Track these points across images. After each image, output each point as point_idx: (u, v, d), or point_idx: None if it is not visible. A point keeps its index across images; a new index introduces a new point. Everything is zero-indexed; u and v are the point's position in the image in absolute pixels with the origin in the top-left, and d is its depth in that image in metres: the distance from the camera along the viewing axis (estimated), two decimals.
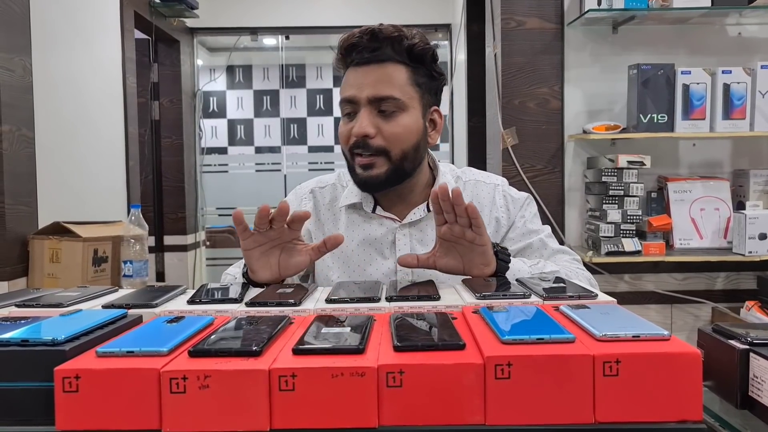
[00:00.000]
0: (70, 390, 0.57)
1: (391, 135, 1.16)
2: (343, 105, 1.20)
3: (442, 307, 0.83)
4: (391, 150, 1.16)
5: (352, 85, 1.18)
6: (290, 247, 1.07)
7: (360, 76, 1.17)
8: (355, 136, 1.16)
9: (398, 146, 1.17)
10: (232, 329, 0.69)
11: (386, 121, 1.16)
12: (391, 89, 1.16)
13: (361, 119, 1.15)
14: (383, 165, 1.17)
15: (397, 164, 1.17)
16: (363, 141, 1.15)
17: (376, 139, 1.16)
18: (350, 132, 1.17)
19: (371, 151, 1.16)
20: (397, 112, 1.17)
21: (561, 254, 1.27)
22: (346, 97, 1.18)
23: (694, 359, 0.59)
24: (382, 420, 0.58)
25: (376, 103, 1.16)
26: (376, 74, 1.17)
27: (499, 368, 0.58)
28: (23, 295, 0.91)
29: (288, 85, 5.78)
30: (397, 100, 1.16)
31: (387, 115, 1.16)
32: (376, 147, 1.16)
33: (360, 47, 1.17)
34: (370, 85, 1.16)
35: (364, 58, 1.17)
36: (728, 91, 2.30)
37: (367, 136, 1.15)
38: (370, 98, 1.16)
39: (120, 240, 2.14)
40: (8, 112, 2.00)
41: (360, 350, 0.61)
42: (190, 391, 0.57)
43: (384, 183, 1.19)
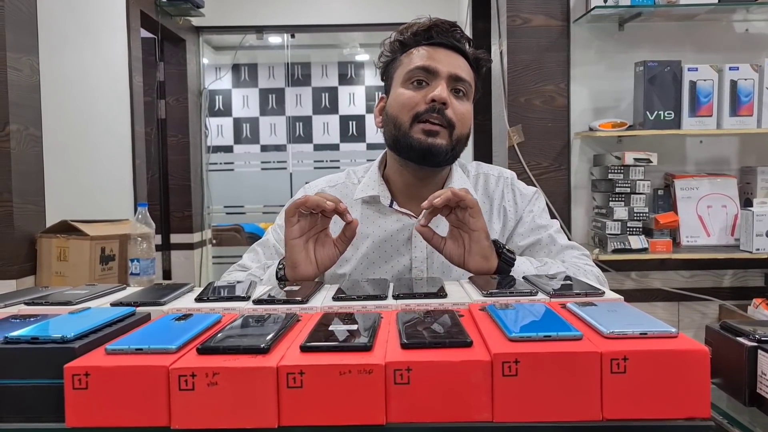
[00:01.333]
0: (80, 387, 0.57)
1: (460, 113, 1.19)
2: (415, 72, 1.20)
3: (449, 304, 0.83)
4: (457, 127, 1.19)
5: (431, 57, 1.20)
6: (322, 238, 1.09)
7: (440, 54, 1.20)
8: (435, 99, 1.16)
9: (461, 127, 1.20)
10: (239, 327, 0.69)
11: (458, 101, 1.20)
12: (467, 75, 1.22)
13: (441, 88, 1.17)
14: (446, 137, 1.18)
15: (455, 143, 1.20)
16: (440, 107, 1.17)
17: (449, 111, 1.18)
18: (422, 98, 1.18)
19: (442, 121, 1.17)
20: (465, 97, 1.22)
21: (570, 250, 1.26)
22: (425, 66, 1.19)
23: (702, 356, 0.59)
24: (389, 417, 0.58)
25: (453, 82, 1.19)
26: (456, 58, 1.21)
27: (506, 365, 0.58)
28: (32, 294, 0.91)
29: (293, 84, 5.79)
30: (470, 85, 1.22)
31: (459, 96, 1.20)
32: (448, 118, 1.18)
33: (443, 30, 1.21)
34: (451, 64, 1.20)
35: (448, 41, 1.21)
36: (735, 87, 2.29)
37: (445, 104, 1.17)
38: (452, 75, 1.19)
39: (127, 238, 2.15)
40: (16, 111, 2.00)
41: (368, 347, 0.61)
42: (198, 388, 0.57)
43: (443, 155, 1.19)
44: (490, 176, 1.32)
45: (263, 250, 1.32)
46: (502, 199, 1.30)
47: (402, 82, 1.21)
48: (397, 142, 1.21)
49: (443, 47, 1.21)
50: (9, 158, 1.97)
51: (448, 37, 1.21)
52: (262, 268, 1.24)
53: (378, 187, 1.27)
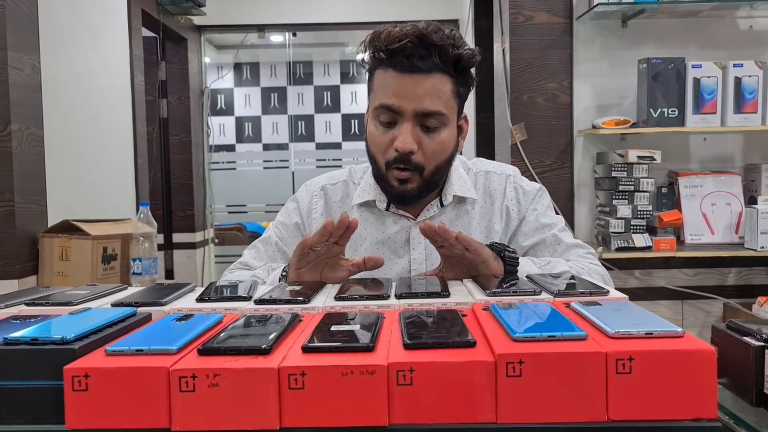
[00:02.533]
0: (80, 389, 0.57)
1: (430, 152, 1.13)
2: (380, 111, 1.13)
3: (451, 304, 0.82)
4: (427, 166, 1.14)
5: (395, 92, 1.10)
6: (333, 263, 1.07)
7: (406, 86, 1.10)
8: (397, 151, 1.12)
9: (434, 162, 1.15)
10: (241, 327, 0.69)
11: (428, 136, 1.13)
12: (438, 104, 1.11)
13: (404, 134, 1.11)
14: (416, 180, 1.15)
15: (428, 179, 1.16)
16: (405, 157, 1.12)
17: (417, 156, 1.12)
18: (390, 144, 1.13)
19: (410, 167, 1.13)
20: (440, 128, 1.13)
21: (575, 249, 1.25)
22: (388, 105, 1.11)
23: (709, 356, 0.58)
24: (392, 418, 0.58)
25: (421, 118, 1.11)
26: (424, 86, 1.09)
27: (510, 366, 0.58)
28: (33, 294, 0.91)
29: (295, 82, 5.78)
30: (442, 115, 1.12)
31: (430, 131, 1.13)
32: (415, 163, 1.13)
33: (407, 53, 1.08)
34: (417, 98, 1.09)
35: (412, 65, 1.09)
36: (740, 84, 2.28)
37: (411, 153, 1.12)
38: (417, 112, 1.10)
39: (129, 238, 2.14)
40: (17, 111, 2.00)
41: (370, 348, 0.61)
42: (199, 390, 0.56)
43: (416, 197, 1.18)
44: (492, 174, 1.30)
45: (265, 248, 1.31)
46: (504, 197, 1.28)
47: (372, 115, 1.17)
48: (377, 177, 1.21)
49: (411, 72, 1.09)
50: (11, 158, 1.97)
51: (418, 59, 1.08)
52: (266, 270, 1.23)
53: (374, 191, 1.26)
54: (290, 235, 1.30)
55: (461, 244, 1.00)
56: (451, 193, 1.24)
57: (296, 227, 1.30)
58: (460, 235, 1.00)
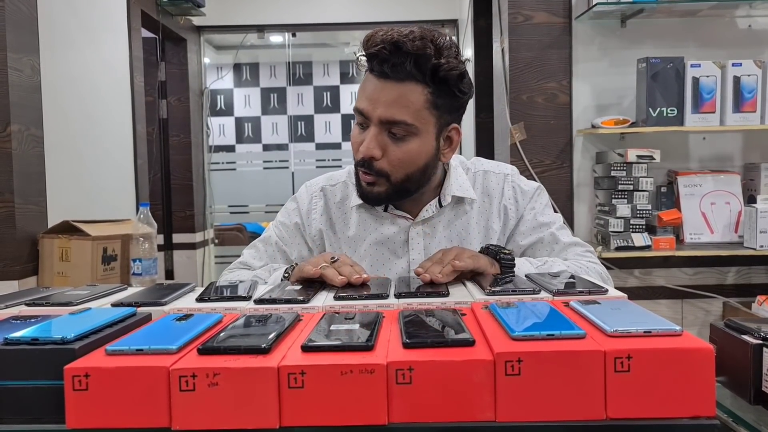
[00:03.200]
0: (80, 388, 0.57)
1: (395, 160, 1.12)
2: (356, 113, 1.15)
3: (451, 303, 0.83)
4: (392, 174, 1.13)
5: (367, 97, 1.12)
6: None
7: (376, 91, 1.10)
8: (360, 155, 1.13)
9: (402, 171, 1.14)
10: (241, 327, 0.69)
11: (395, 144, 1.12)
12: (404, 113, 1.10)
13: (368, 139, 1.11)
14: (383, 185, 1.15)
15: (398, 185, 1.15)
16: (367, 161, 1.13)
17: (381, 162, 1.12)
18: (359, 145, 1.14)
19: (373, 173, 1.13)
20: (408, 137, 1.12)
21: (573, 247, 1.25)
22: (359, 109, 1.13)
23: (707, 355, 0.59)
24: (391, 417, 0.58)
25: (387, 125, 1.11)
26: (392, 94, 1.09)
27: (509, 365, 0.58)
28: (33, 294, 0.91)
29: (295, 83, 5.78)
30: (409, 125, 1.10)
31: (397, 138, 1.12)
32: (378, 169, 1.13)
33: (380, 58, 1.08)
34: (384, 104, 1.09)
35: (383, 71, 1.09)
36: (739, 83, 2.28)
37: (373, 158, 1.12)
38: (382, 119, 1.10)
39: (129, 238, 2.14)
40: (17, 112, 2.00)
41: (369, 347, 0.61)
42: (199, 389, 0.57)
43: (385, 200, 1.19)
44: (490, 173, 1.30)
45: (265, 247, 1.31)
46: (502, 197, 1.28)
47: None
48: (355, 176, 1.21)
49: (385, 78, 1.09)
50: (10, 159, 1.97)
51: (389, 66, 1.08)
52: (267, 270, 1.23)
53: None
54: (290, 235, 1.31)
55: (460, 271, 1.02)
56: (450, 194, 1.24)
57: (296, 227, 1.31)
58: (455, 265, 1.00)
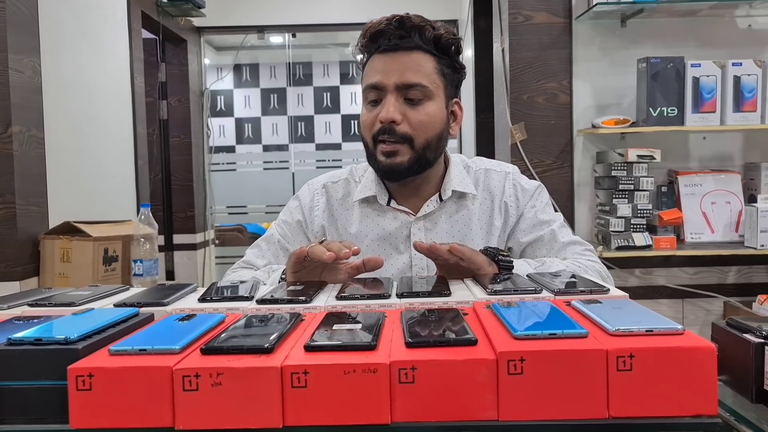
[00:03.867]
0: (84, 388, 0.57)
1: (417, 122, 1.16)
2: (367, 92, 1.18)
3: (453, 303, 0.82)
4: (416, 138, 1.16)
5: (378, 71, 1.17)
6: (332, 267, 1.07)
7: (387, 63, 1.16)
8: (381, 121, 1.15)
9: (423, 134, 1.17)
10: (243, 327, 0.69)
11: (413, 109, 1.16)
12: (419, 76, 1.16)
13: (387, 105, 1.15)
14: (406, 153, 1.17)
15: (419, 153, 1.18)
16: (389, 127, 1.15)
17: (402, 126, 1.15)
18: (375, 118, 1.16)
19: (396, 138, 1.16)
20: (424, 100, 1.17)
21: (573, 246, 1.26)
22: (372, 84, 1.17)
23: (709, 353, 0.59)
24: (394, 416, 0.58)
25: (403, 90, 1.16)
26: (404, 61, 1.16)
27: (511, 364, 0.58)
28: (35, 295, 0.91)
29: (295, 83, 5.78)
30: (424, 87, 1.16)
31: (414, 103, 1.16)
32: (402, 134, 1.15)
33: (388, 34, 1.16)
34: (398, 71, 1.15)
35: (392, 44, 1.16)
36: (739, 83, 2.28)
37: (394, 122, 1.15)
38: (398, 85, 1.15)
39: (130, 239, 2.14)
40: (18, 113, 2.01)
41: (372, 347, 0.61)
42: (202, 389, 0.57)
43: (406, 171, 1.18)
44: (492, 171, 1.32)
45: (268, 246, 1.32)
46: (503, 194, 1.29)
47: (363, 100, 1.22)
48: (369, 160, 1.23)
49: (393, 51, 1.17)
50: (12, 160, 1.97)
51: (393, 39, 1.16)
52: (266, 272, 1.23)
53: (375, 187, 1.27)
54: (293, 232, 1.31)
55: (455, 256, 1.01)
56: (450, 188, 1.26)
57: (298, 225, 1.31)
58: (453, 247, 1.01)
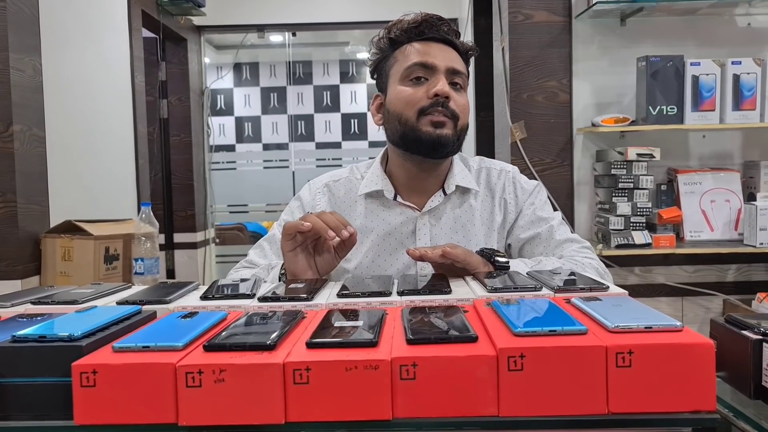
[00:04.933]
0: (88, 385, 0.57)
1: (461, 105, 1.22)
2: (413, 68, 1.21)
3: (453, 300, 0.83)
4: (460, 118, 1.22)
5: (427, 53, 1.22)
6: (320, 246, 1.11)
7: (434, 49, 1.23)
8: (438, 93, 1.19)
9: (464, 117, 1.23)
10: (245, 324, 0.70)
11: (456, 93, 1.22)
12: (463, 67, 1.25)
13: (441, 82, 1.19)
14: (452, 128, 1.21)
15: (459, 133, 1.23)
16: (443, 101, 1.19)
17: (452, 104, 1.20)
18: (423, 94, 1.20)
19: (447, 113, 1.19)
20: (463, 89, 1.25)
21: (569, 243, 1.27)
22: (422, 62, 1.21)
23: (707, 350, 0.59)
24: (396, 412, 0.58)
25: (451, 75, 1.22)
26: (448, 51, 1.24)
27: (512, 360, 0.59)
28: (38, 293, 0.92)
29: (295, 82, 5.78)
30: (466, 77, 1.25)
31: (457, 89, 1.23)
32: (452, 110, 1.20)
33: (433, 25, 1.23)
34: (447, 58, 1.22)
35: (441, 34, 1.23)
36: (738, 82, 2.28)
37: (448, 98, 1.19)
38: (449, 68, 1.21)
39: (131, 238, 2.15)
40: (19, 112, 2.01)
41: (373, 343, 0.61)
42: (205, 385, 0.57)
43: (450, 145, 1.21)
44: (493, 170, 1.34)
45: (270, 246, 1.33)
46: (503, 191, 1.32)
47: (400, 79, 1.23)
48: (405, 137, 1.22)
49: (435, 41, 1.23)
50: (13, 159, 1.98)
51: (438, 31, 1.23)
52: (266, 269, 1.24)
53: (381, 181, 1.28)
54: None
55: (449, 259, 1.05)
56: (454, 183, 1.28)
57: None
58: (445, 251, 1.05)
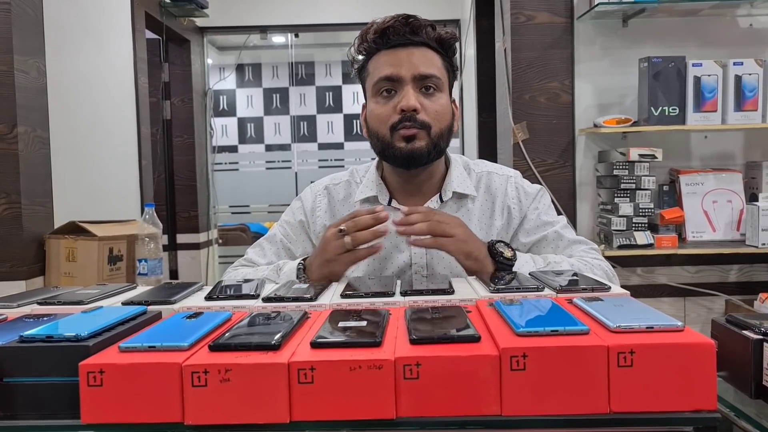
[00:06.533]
0: (95, 384, 0.58)
1: (434, 112, 1.20)
2: (380, 84, 1.20)
3: (456, 300, 0.84)
4: (433, 126, 1.19)
5: (391, 64, 1.20)
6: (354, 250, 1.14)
7: (400, 57, 1.20)
8: (403, 109, 1.17)
9: (438, 124, 1.20)
10: (250, 324, 0.70)
11: (428, 99, 1.20)
12: (433, 69, 1.20)
13: (407, 95, 1.18)
14: (424, 138, 1.19)
15: (435, 141, 1.20)
16: (410, 115, 1.17)
17: (421, 114, 1.18)
18: (393, 109, 1.19)
19: (417, 125, 1.18)
20: (437, 92, 1.21)
21: (578, 245, 1.26)
22: (387, 75, 1.19)
23: (708, 349, 0.60)
24: (399, 411, 0.59)
25: (420, 81, 1.19)
26: (417, 55, 1.20)
27: (514, 360, 0.59)
28: (44, 294, 0.93)
29: (297, 83, 5.79)
30: (438, 79, 1.21)
31: (429, 94, 1.20)
32: (421, 121, 1.18)
33: (398, 30, 1.20)
34: (413, 64, 1.19)
35: (405, 39, 1.20)
36: (740, 82, 2.29)
37: (416, 110, 1.17)
38: (415, 75, 1.18)
39: (135, 239, 2.16)
40: (24, 114, 2.02)
41: (377, 343, 0.62)
42: (211, 385, 0.58)
43: (426, 156, 1.20)
44: (494, 174, 1.33)
45: (270, 246, 1.33)
46: (505, 196, 1.30)
47: (372, 94, 1.23)
48: (383, 152, 1.24)
49: (403, 46, 1.20)
50: (17, 160, 1.99)
51: (404, 35, 1.20)
52: (274, 270, 1.23)
53: (376, 187, 1.29)
54: (295, 232, 1.32)
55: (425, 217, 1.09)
56: (451, 190, 1.27)
57: (301, 225, 1.32)
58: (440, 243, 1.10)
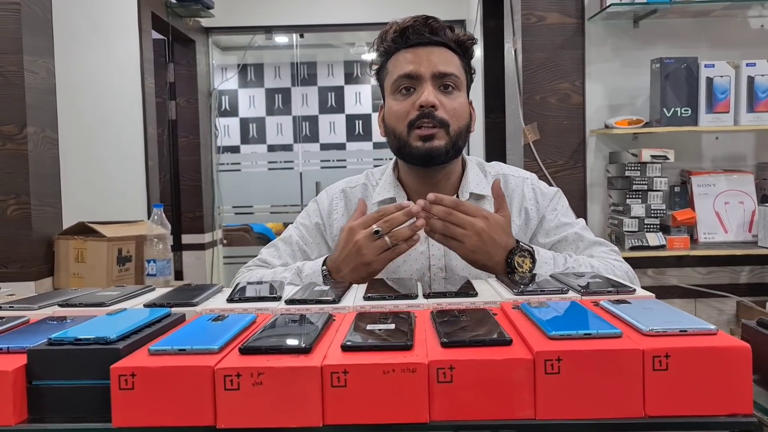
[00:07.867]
0: (126, 387, 0.58)
1: (452, 110, 1.20)
2: (400, 81, 1.21)
3: (480, 303, 0.83)
4: (452, 124, 1.19)
5: (411, 62, 1.20)
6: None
7: (420, 55, 1.20)
8: (422, 105, 1.17)
9: (457, 122, 1.20)
10: (277, 327, 0.70)
11: (447, 97, 1.20)
12: (452, 67, 1.21)
13: (426, 91, 1.18)
14: (443, 137, 1.19)
15: (454, 139, 1.20)
16: (429, 111, 1.18)
17: (440, 111, 1.18)
18: (411, 105, 1.19)
19: (435, 122, 1.18)
20: (456, 90, 1.22)
21: (598, 246, 1.26)
22: (407, 73, 1.20)
23: (744, 353, 0.59)
24: (433, 415, 0.58)
25: (439, 79, 1.20)
26: (437, 54, 1.21)
27: (548, 363, 0.58)
28: (62, 295, 0.92)
29: (300, 83, 5.79)
30: (457, 77, 1.21)
31: (448, 92, 1.21)
32: (440, 119, 1.18)
33: (418, 30, 1.21)
34: (432, 62, 1.20)
35: (424, 39, 1.21)
36: (752, 83, 2.28)
37: (434, 107, 1.18)
38: (435, 74, 1.19)
39: (143, 239, 2.16)
40: (33, 114, 2.02)
41: (408, 346, 0.61)
42: (243, 388, 0.57)
43: (444, 155, 1.20)
44: (510, 176, 1.33)
45: (285, 247, 1.31)
46: (522, 198, 1.29)
47: (391, 92, 1.24)
48: (400, 151, 1.24)
49: (422, 45, 1.21)
50: (27, 161, 1.98)
51: (424, 34, 1.21)
52: (295, 272, 1.22)
53: (393, 189, 1.29)
54: (311, 235, 1.31)
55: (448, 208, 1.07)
56: (468, 191, 1.27)
57: (317, 227, 1.31)
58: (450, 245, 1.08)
